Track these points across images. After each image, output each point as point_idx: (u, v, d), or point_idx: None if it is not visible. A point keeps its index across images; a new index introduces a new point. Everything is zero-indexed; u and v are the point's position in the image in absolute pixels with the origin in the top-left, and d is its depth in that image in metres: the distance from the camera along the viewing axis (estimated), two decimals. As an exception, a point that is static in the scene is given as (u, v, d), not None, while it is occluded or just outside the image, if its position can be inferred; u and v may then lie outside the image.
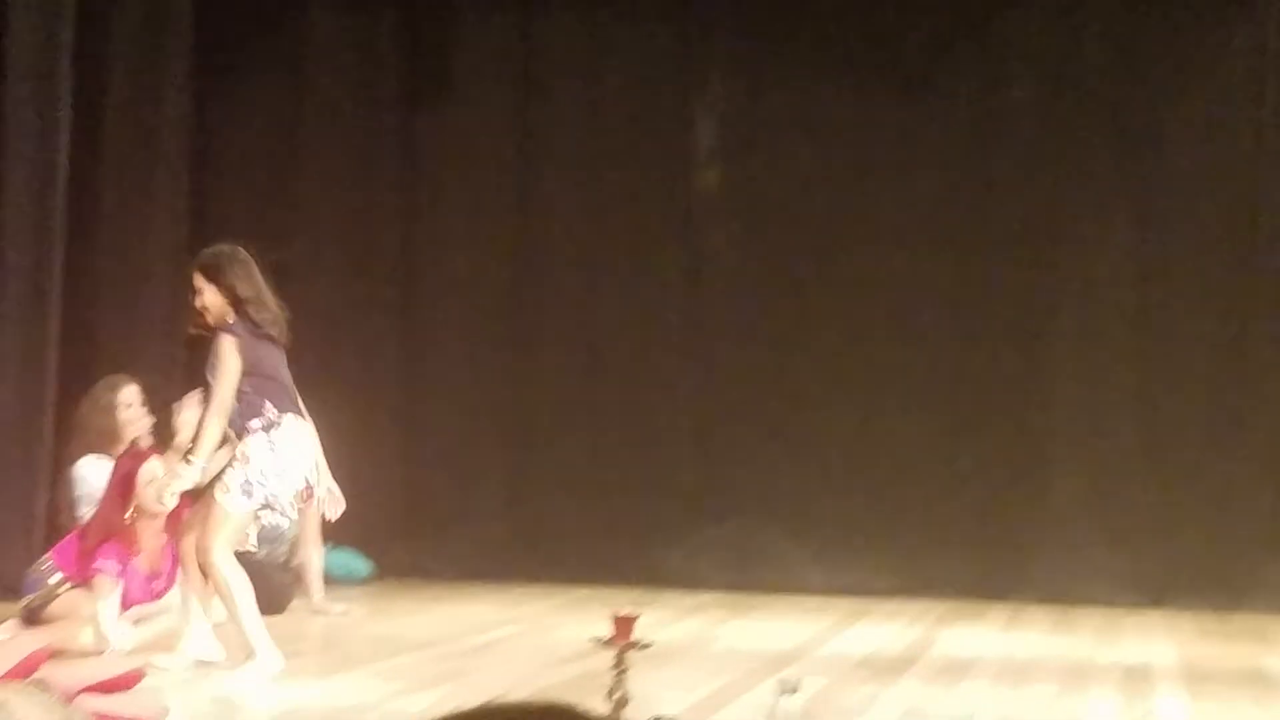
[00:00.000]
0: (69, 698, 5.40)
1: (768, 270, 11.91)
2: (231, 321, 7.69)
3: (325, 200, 12.27)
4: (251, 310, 7.70)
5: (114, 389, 9.22)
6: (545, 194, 12.20)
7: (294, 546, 9.92)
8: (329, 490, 7.93)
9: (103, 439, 9.05)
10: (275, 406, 7.60)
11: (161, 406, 9.46)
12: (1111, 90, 11.62)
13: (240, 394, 7.58)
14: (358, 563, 11.42)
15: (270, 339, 7.73)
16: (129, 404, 9.22)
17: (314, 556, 9.96)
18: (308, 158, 12.32)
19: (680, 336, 12.05)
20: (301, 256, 12.15)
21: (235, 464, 7.58)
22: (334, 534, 10.36)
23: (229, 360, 7.57)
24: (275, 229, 12.24)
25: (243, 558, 9.59)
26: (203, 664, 7.87)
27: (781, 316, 11.86)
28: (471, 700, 0.93)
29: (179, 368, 11.52)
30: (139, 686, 6.65)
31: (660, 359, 12.02)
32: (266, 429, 7.57)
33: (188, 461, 7.65)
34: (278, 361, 7.74)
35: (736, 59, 12.04)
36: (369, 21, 12.29)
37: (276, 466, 7.58)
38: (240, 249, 7.90)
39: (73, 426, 9.29)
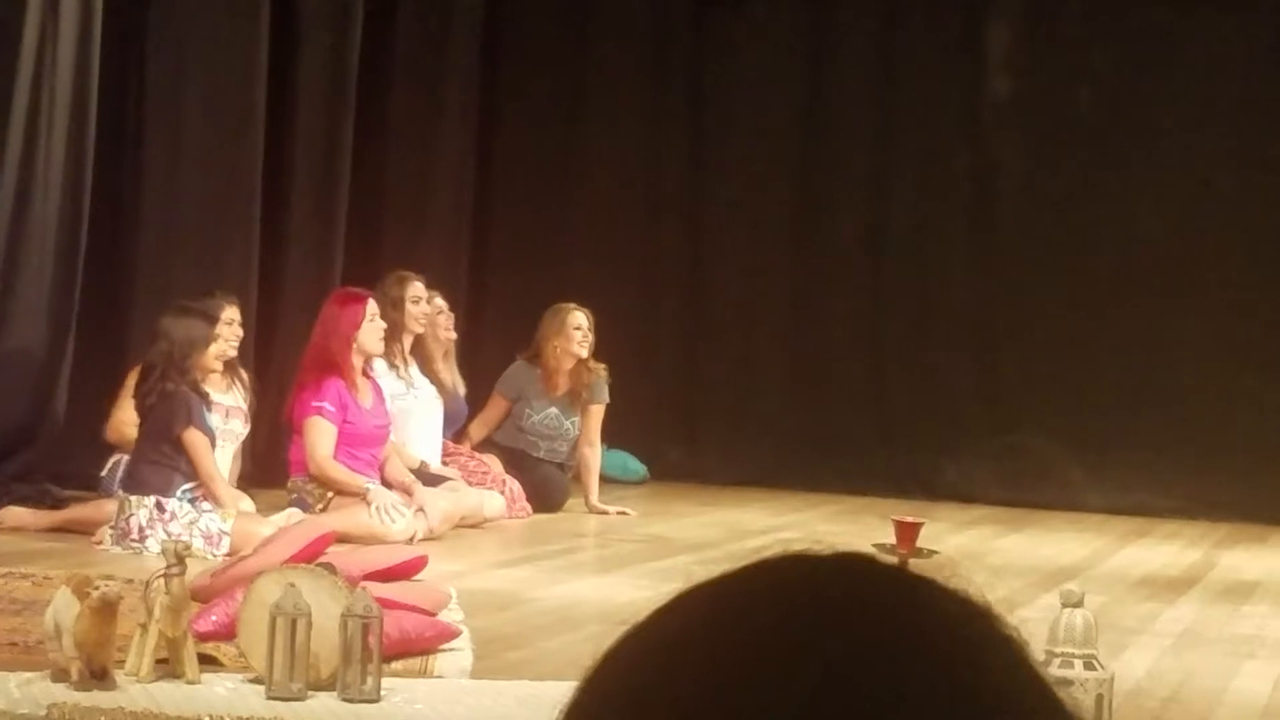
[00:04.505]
0: (353, 582, 5.50)
1: (1056, 181, 11.69)
2: None
3: (613, 101, 12.32)
4: None
5: (402, 284, 9.36)
6: (833, 101, 12.11)
7: (573, 446, 10.01)
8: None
9: (391, 333, 9.16)
10: None
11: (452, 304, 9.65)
12: None
13: None
14: (633, 464, 11.49)
15: None
16: (416, 299, 9.36)
17: (591, 456, 10.03)
18: (597, 62, 12.36)
19: (966, 248, 11.90)
20: (587, 164, 12.26)
21: None
22: (611, 436, 10.43)
23: None
24: (562, 135, 12.36)
25: (521, 455, 9.81)
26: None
27: (1069, 228, 11.65)
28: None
29: (461, 268, 11.69)
30: (421, 575, 6.78)
31: (944, 270, 11.89)
32: None
33: None
34: None
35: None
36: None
37: None
38: None
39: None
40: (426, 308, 9.43)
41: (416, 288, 9.40)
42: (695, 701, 0.87)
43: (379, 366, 9.01)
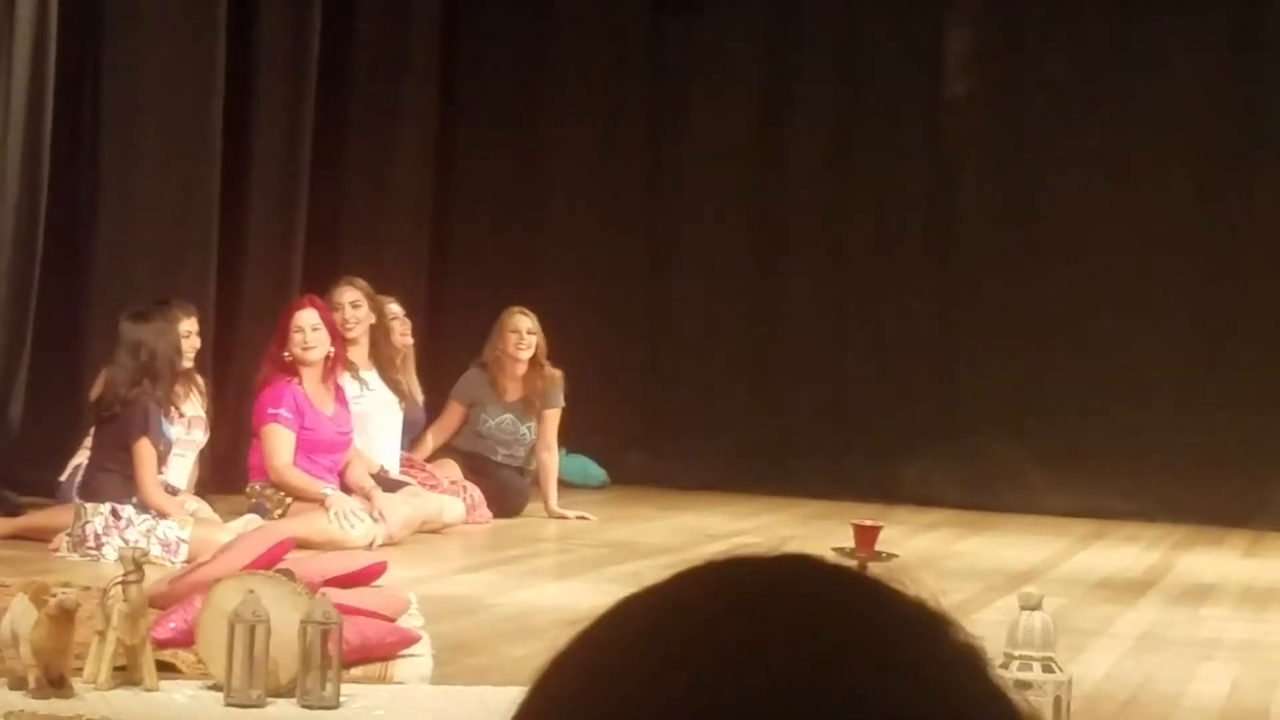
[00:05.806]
0: (313, 588, 5.48)
1: (1015, 186, 11.72)
2: None
3: (573, 106, 12.31)
4: None
5: (333, 288, 9.31)
6: (792, 104, 12.13)
7: (530, 450, 9.99)
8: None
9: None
10: None
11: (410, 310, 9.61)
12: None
13: None
14: (593, 469, 11.47)
15: None
16: (338, 305, 9.23)
17: (549, 461, 10.02)
18: (557, 66, 12.35)
19: (924, 251, 11.92)
20: (547, 168, 12.24)
21: None
22: (571, 441, 10.42)
23: None
24: (522, 140, 12.33)
25: (481, 460, 9.79)
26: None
27: (1027, 233, 11.68)
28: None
29: (421, 274, 11.67)
30: (380, 581, 6.76)
31: (903, 273, 11.91)
32: None
33: None
34: None
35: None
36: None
37: None
38: None
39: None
40: (351, 313, 9.30)
41: (337, 293, 9.31)
42: (641, 702, 0.88)
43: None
